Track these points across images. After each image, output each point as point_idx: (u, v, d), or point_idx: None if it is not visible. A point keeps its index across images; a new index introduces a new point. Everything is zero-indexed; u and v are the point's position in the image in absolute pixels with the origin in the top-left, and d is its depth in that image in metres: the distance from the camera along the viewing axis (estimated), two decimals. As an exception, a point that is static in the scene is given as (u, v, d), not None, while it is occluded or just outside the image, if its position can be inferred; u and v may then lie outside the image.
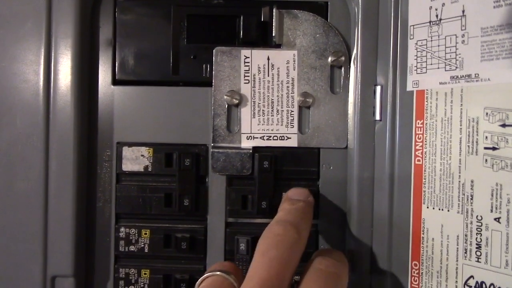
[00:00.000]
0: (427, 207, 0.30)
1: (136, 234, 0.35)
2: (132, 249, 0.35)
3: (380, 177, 0.33)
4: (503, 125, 0.27)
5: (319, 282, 0.25)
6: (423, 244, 0.31)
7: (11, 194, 0.34)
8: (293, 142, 0.35)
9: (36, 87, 0.33)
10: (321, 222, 0.35)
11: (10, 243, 0.34)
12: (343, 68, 0.35)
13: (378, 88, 0.33)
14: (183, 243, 0.34)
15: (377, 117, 0.33)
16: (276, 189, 0.34)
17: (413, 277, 0.31)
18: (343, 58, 0.34)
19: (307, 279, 0.25)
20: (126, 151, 0.35)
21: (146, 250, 0.35)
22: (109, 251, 0.35)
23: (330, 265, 0.26)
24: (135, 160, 0.35)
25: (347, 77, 0.35)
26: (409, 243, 0.31)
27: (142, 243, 0.35)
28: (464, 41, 0.29)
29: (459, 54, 0.29)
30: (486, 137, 0.28)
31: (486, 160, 0.28)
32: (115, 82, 0.35)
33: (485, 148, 0.28)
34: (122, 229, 0.35)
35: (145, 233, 0.35)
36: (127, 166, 0.35)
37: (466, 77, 0.29)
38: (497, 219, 0.27)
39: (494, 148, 0.27)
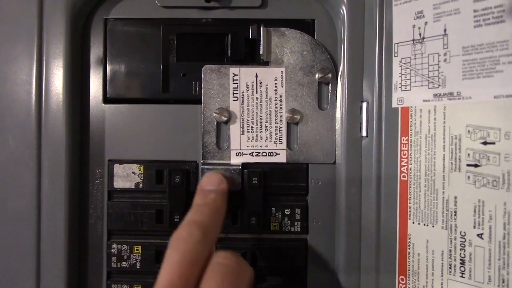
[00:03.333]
0: (413, 223, 0.31)
1: (128, 250, 0.35)
2: (124, 265, 0.35)
3: (367, 192, 0.33)
4: (484, 143, 0.27)
5: (217, 277, 0.26)
6: (409, 259, 0.31)
7: (4, 212, 0.34)
8: (281, 158, 0.35)
9: (28, 107, 0.34)
10: (310, 237, 0.36)
11: (3, 260, 0.34)
12: (330, 85, 0.35)
13: (365, 105, 0.33)
14: (174, 259, 0.35)
15: (364, 133, 0.33)
16: (266, 204, 0.35)
17: (400, 291, 0.32)
18: (330, 75, 0.35)
19: (206, 274, 0.26)
20: (118, 168, 0.36)
21: (138, 266, 0.35)
22: (101, 267, 0.36)
23: (228, 256, 0.27)
24: (126, 177, 0.35)
25: (334, 94, 0.35)
26: (396, 257, 0.32)
27: (134, 259, 0.35)
28: (446, 59, 0.29)
29: (442, 72, 0.30)
30: (469, 154, 0.28)
31: (468, 177, 0.28)
32: (106, 100, 0.36)
33: (468, 165, 0.28)
34: (114, 245, 0.36)
35: (137, 249, 0.35)
36: (118, 183, 0.36)
37: (449, 95, 0.29)
38: (480, 235, 0.28)
39: (476, 165, 0.28)
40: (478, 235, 0.28)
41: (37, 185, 0.34)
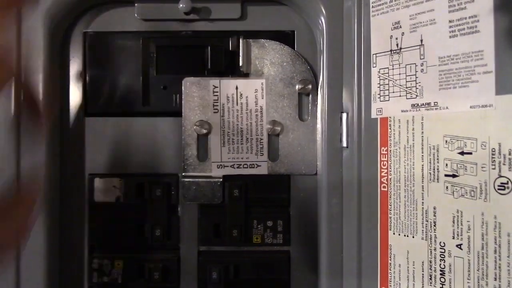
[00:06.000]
0: (393, 233, 0.31)
1: (109, 265, 0.35)
2: (105, 280, 0.35)
3: (348, 203, 0.33)
4: (462, 153, 0.27)
5: None
6: (390, 270, 0.31)
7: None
8: (263, 170, 0.35)
9: (7, 123, 0.34)
10: (292, 248, 0.35)
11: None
12: (310, 96, 0.35)
13: (344, 115, 0.33)
14: (155, 273, 0.35)
15: (344, 144, 0.33)
16: (247, 217, 0.35)
17: (383, 303, 0.31)
18: (310, 86, 0.35)
19: None
20: (98, 183, 0.35)
21: (119, 281, 0.35)
22: (83, 282, 0.35)
23: None
24: (107, 191, 0.35)
25: (314, 104, 0.35)
26: (377, 268, 0.32)
27: (115, 274, 0.35)
28: (423, 69, 0.29)
29: (419, 82, 0.30)
30: (446, 165, 0.28)
31: (447, 187, 0.28)
32: (86, 113, 0.36)
33: (446, 175, 0.28)
34: (95, 260, 0.35)
35: (118, 264, 0.35)
36: (99, 197, 0.35)
37: (426, 105, 0.29)
38: (459, 246, 0.27)
39: (454, 176, 0.28)
40: (457, 245, 0.28)
41: (17, 201, 0.34)
